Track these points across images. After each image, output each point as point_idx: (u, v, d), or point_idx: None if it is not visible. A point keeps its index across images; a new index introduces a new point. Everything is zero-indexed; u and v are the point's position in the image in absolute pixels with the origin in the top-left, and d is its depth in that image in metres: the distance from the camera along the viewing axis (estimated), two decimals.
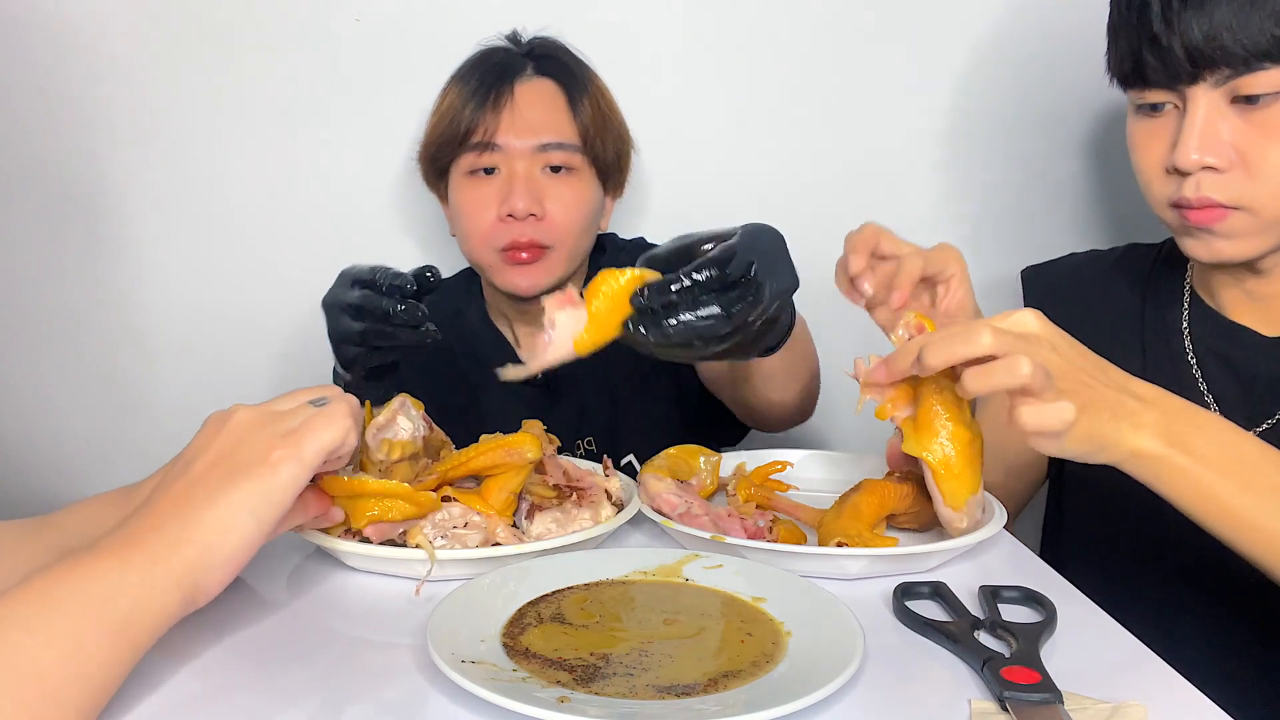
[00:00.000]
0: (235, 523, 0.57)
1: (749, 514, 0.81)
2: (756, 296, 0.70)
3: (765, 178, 1.40)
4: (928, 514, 0.79)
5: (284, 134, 1.35)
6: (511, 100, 1.11)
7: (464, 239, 1.16)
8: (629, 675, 0.57)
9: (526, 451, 0.76)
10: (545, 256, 1.13)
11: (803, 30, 1.37)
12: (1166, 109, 0.88)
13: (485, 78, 1.13)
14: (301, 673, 0.59)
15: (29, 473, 1.40)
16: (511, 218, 1.10)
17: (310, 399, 0.65)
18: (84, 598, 0.52)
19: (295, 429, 0.61)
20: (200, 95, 1.33)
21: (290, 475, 0.60)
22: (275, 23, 1.32)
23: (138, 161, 1.35)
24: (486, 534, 0.74)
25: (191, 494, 0.58)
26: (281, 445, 0.60)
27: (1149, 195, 0.92)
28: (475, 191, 1.13)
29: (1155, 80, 0.86)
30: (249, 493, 0.58)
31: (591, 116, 1.14)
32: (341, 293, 0.87)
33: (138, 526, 0.57)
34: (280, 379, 1.39)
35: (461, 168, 1.14)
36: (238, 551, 0.58)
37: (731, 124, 1.39)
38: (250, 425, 0.61)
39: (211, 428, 0.62)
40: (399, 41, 1.34)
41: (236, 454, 0.60)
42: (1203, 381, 0.96)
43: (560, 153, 1.12)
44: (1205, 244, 0.88)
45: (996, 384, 0.64)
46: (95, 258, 1.37)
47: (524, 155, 1.11)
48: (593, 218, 1.17)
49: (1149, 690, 0.57)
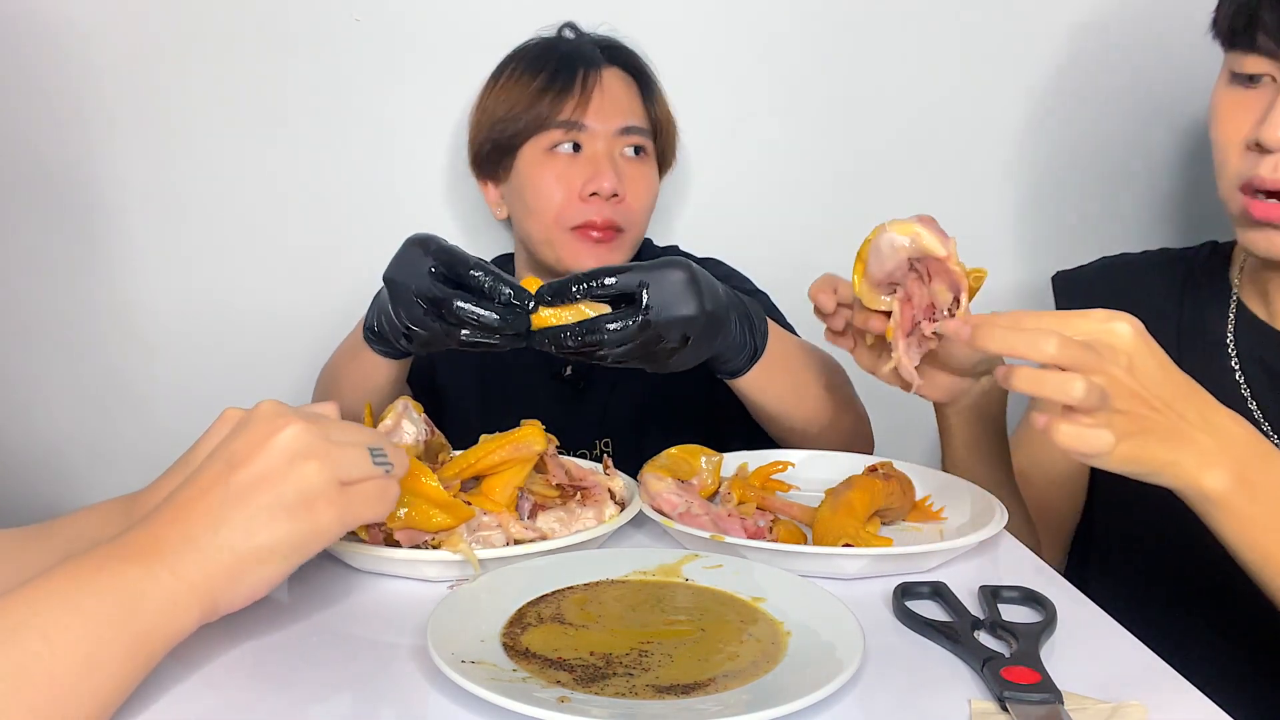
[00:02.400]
0: (267, 560, 0.56)
1: (749, 514, 0.81)
2: (643, 312, 0.76)
3: (774, 177, 1.40)
4: (908, 505, 0.84)
5: (283, 133, 1.35)
6: (600, 83, 1.14)
7: (532, 215, 1.15)
8: (629, 675, 0.57)
9: (533, 445, 0.76)
10: (618, 239, 1.13)
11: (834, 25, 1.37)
12: (1263, 81, 0.83)
13: (565, 61, 1.15)
14: (300, 672, 0.59)
15: (26, 473, 1.40)
16: (595, 196, 1.11)
17: (370, 444, 0.61)
18: (104, 606, 0.51)
19: (350, 489, 0.58)
20: (198, 93, 1.33)
21: (331, 535, 0.58)
22: (274, 22, 1.32)
23: (134, 160, 1.34)
24: (504, 532, 0.74)
25: (227, 513, 0.55)
26: (333, 500, 0.57)
27: (1221, 172, 0.87)
28: (557, 167, 1.13)
29: (1263, 44, 0.81)
30: (288, 535, 0.56)
31: (661, 108, 1.21)
32: (422, 280, 0.78)
33: (165, 531, 0.55)
34: (278, 378, 1.39)
35: (540, 145, 1.14)
36: (262, 585, 0.57)
37: (737, 123, 1.39)
38: (303, 452, 0.57)
39: (256, 431, 0.57)
40: (399, 41, 1.34)
41: (283, 484, 0.56)
42: (1246, 387, 0.93)
43: (639, 136, 1.16)
44: (1268, 238, 0.84)
45: (1044, 394, 0.63)
46: (93, 257, 1.37)
47: (607, 137, 1.13)
48: (654, 206, 1.20)
49: (1149, 690, 0.57)
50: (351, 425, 0.62)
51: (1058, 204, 1.43)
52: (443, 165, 1.37)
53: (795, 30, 1.36)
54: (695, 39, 1.36)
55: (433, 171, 1.37)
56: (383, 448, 0.61)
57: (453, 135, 1.34)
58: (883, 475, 0.83)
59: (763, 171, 1.40)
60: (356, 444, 0.60)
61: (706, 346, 0.84)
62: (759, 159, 1.40)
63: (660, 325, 0.77)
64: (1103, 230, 1.42)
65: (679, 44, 1.34)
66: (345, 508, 0.58)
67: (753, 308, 0.92)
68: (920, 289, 0.76)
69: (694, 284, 0.79)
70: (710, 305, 0.81)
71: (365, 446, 0.60)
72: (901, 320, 0.77)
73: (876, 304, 0.78)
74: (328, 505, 0.57)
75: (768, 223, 1.41)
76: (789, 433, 1.00)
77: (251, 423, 0.58)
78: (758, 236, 1.40)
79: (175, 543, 0.54)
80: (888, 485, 0.82)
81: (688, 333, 0.79)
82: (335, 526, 0.58)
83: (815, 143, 1.40)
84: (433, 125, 1.35)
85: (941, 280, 0.74)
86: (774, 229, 1.41)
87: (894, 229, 0.75)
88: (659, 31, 1.32)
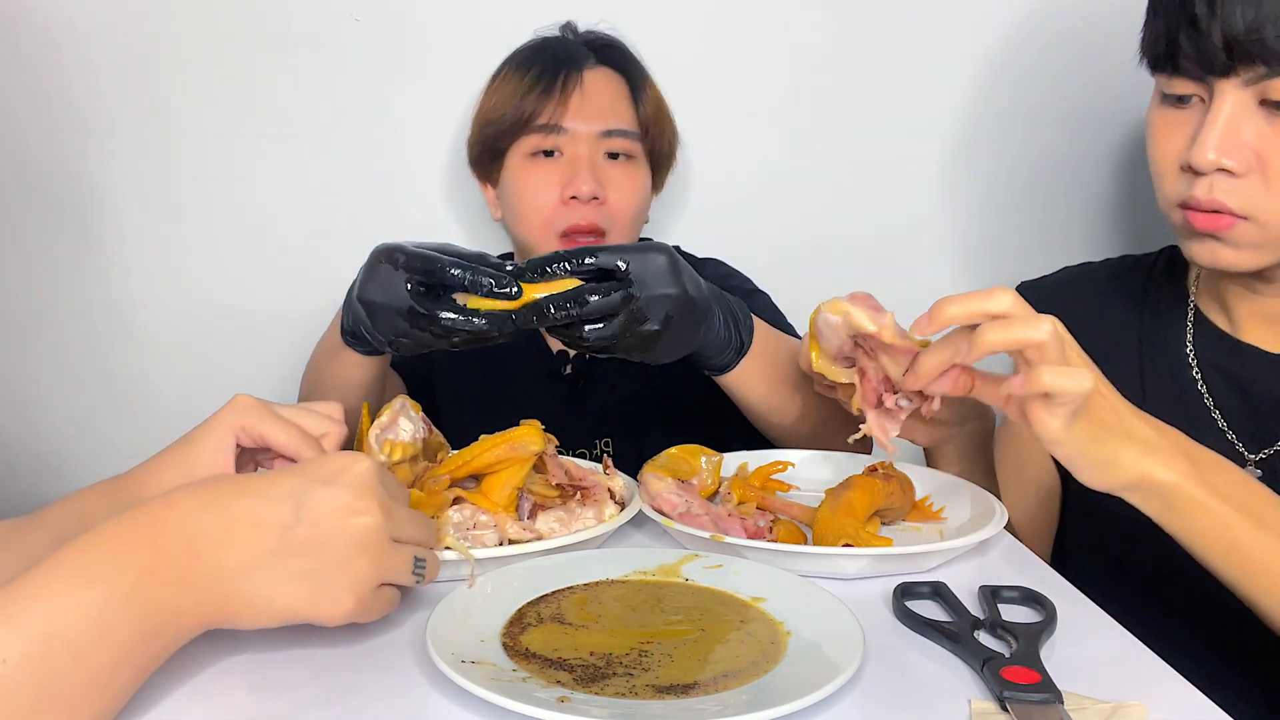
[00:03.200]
0: (274, 618, 0.57)
1: (749, 514, 0.81)
2: (625, 285, 0.77)
3: (771, 179, 1.40)
4: (908, 505, 0.84)
5: (283, 133, 1.35)
6: (580, 85, 1.13)
7: (520, 221, 1.15)
8: (629, 675, 0.57)
9: (530, 445, 0.76)
10: (603, 243, 1.13)
11: (811, 30, 1.36)
12: (1192, 102, 0.84)
13: (551, 63, 1.14)
14: (301, 671, 0.59)
15: (18, 470, 1.40)
16: (575, 200, 1.11)
17: (419, 553, 0.61)
18: (133, 630, 0.52)
19: (378, 591, 0.59)
20: (196, 93, 1.33)
21: (334, 623, 0.58)
22: (274, 22, 1.32)
23: (134, 160, 1.34)
24: (499, 532, 0.74)
25: (266, 562, 0.55)
26: (360, 599, 0.57)
27: (1159, 191, 0.89)
28: (537, 173, 1.13)
29: (1186, 68, 0.82)
30: (304, 609, 0.56)
31: (651, 108, 1.18)
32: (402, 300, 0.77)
33: (206, 550, 0.55)
34: (277, 376, 1.39)
35: (522, 150, 1.14)
36: (263, 624, 0.57)
37: (735, 124, 1.39)
38: (365, 547, 0.57)
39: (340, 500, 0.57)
40: (399, 41, 1.34)
41: (329, 565, 0.56)
42: (1209, 397, 0.93)
43: (622, 140, 1.14)
44: (1208, 249, 0.85)
45: (1016, 337, 0.64)
46: (90, 255, 1.37)
47: (588, 140, 1.13)
48: (645, 207, 1.19)
49: (1149, 690, 0.57)
50: (415, 521, 0.62)
51: (1013, 211, 1.42)
52: (443, 165, 1.37)
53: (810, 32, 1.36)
54: (698, 37, 1.36)
55: (433, 171, 1.37)
56: (426, 558, 0.62)
57: (453, 135, 1.34)
58: (883, 475, 0.83)
59: (765, 171, 1.40)
60: (407, 552, 0.60)
61: (689, 333, 0.84)
62: (761, 158, 1.40)
63: (642, 301, 0.77)
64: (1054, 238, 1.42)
65: (682, 43, 1.34)
66: (360, 609, 0.58)
67: (737, 304, 0.92)
68: (870, 363, 0.75)
69: (675, 266, 0.80)
70: (692, 290, 0.81)
71: (413, 556, 0.60)
72: (865, 395, 0.76)
73: (840, 377, 0.78)
74: (353, 601, 0.57)
75: (769, 223, 1.41)
76: (782, 430, 1.00)
77: (340, 485, 0.57)
78: (760, 236, 1.40)
79: (208, 572, 0.54)
80: (888, 485, 0.82)
81: (670, 312, 0.79)
82: (343, 622, 0.58)
83: (815, 143, 1.40)
84: (433, 125, 1.35)
85: (887, 354, 0.73)
86: (776, 229, 1.41)
87: (827, 309, 0.75)
88: (661, 30, 1.32)
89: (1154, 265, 1.03)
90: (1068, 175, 1.42)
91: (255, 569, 0.55)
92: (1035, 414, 0.66)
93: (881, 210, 1.41)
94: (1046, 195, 1.42)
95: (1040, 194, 1.42)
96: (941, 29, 1.37)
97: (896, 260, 1.41)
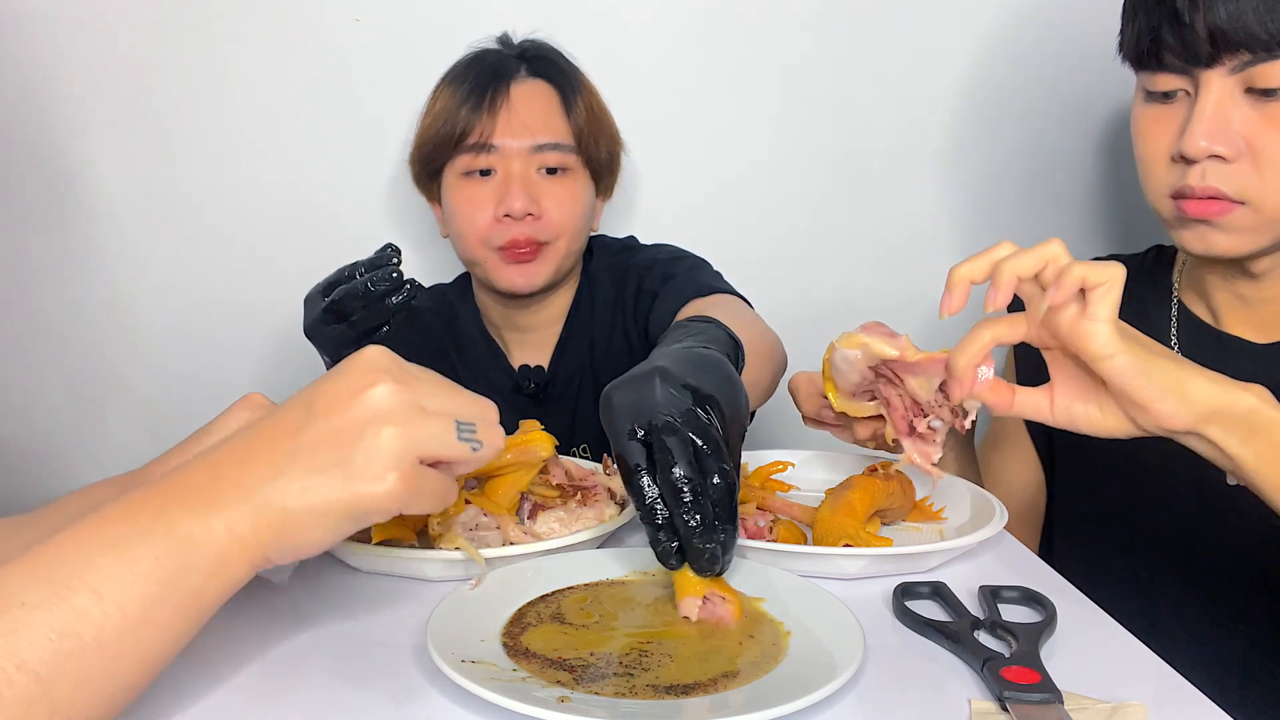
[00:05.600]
0: (316, 523, 0.52)
1: (749, 514, 0.81)
2: None
3: (754, 176, 1.40)
4: (908, 505, 0.84)
5: (282, 133, 1.35)
6: (508, 101, 1.12)
7: (459, 239, 1.16)
8: (629, 675, 0.57)
9: (540, 450, 0.76)
10: (543, 252, 1.13)
11: (793, 28, 1.37)
12: (1177, 96, 0.86)
13: (480, 79, 1.13)
14: (301, 671, 0.59)
15: (18, 470, 1.41)
16: (509, 218, 1.11)
17: (461, 416, 0.55)
18: (157, 559, 0.48)
19: (422, 472, 0.53)
20: (195, 93, 1.33)
21: (387, 513, 0.53)
22: (273, 22, 1.32)
23: (134, 160, 1.35)
24: (502, 534, 0.74)
25: (289, 465, 0.51)
26: (402, 475, 0.51)
27: (1148, 185, 0.90)
28: (471, 192, 1.13)
29: (1170, 63, 0.84)
30: (342, 502, 0.51)
31: (585, 117, 1.16)
32: (315, 303, 0.98)
33: (226, 472, 0.51)
34: (271, 375, 1.40)
35: (456, 169, 1.14)
36: (310, 546, 0.53)
37: (720, 121, 1.39)
38: (385, 415, 0.52)
39: (345, 382, 0.53)
40: (397, 42, 1.34)
41: (353, 445, 0.51)
42: None
43: (555, 153, 1.13)
44: (1200, 236, 0.86)
45: (1033, 257, 0.64)
46: (89, 253, 1.37)
47: (520, 156, 1.12)
48: (587, 216, 1.18)
49: (1149, 690, 0.58)
50: (451, 390, 0.56)
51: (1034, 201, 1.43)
52: None
53: (775, 32, 1.36)
54: (673, 38, 1.36)
55: None
56: (474, 422, 0.55)
57: None
58: (883, 475, 0.83)
59: (738, 171, 1.40)
60: (445, 414, 0.54)
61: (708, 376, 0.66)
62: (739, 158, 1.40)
63: None
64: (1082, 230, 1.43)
65: (658, 43, 1.34)
66: (408, 489, 0.52)
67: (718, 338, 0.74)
68: (894, 390, 0.75)
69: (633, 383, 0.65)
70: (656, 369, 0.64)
71: (454, 419, 0.54)
72: (895, 424, 0.76)
73: (863, 411, 0.78)
74: (395, 479, 0.51)
75: (740, 221, 1.41)
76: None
77: (345, 372, 0.54)
78: (739, 231, 1.40)
79: (231, 490, 0.51)
80: (887, 485, 0.82)
81: None
82: (392, 505, 0.52)
83: (795, 144, 1.40)
84: None
85: (913, 373, 0.73)
86: (756, 224, 1.41)
87: (842, 345, 0.75)
88: (638, 30, 1.32)
89: (1140, 264, 1.05)
90: (1056, 170, 1.42)
91: (279, 475, 0.51)
92: (1081, 329, 0.64)
93: (868, 206, 1.41)
94: (1034, 191, 1.42)
95: (1029, 189, 1.42)
96: (928, 24, 1.37)
97: (882, 257, 1.41)
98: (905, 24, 1.37)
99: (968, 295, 0.67)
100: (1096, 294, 0.63)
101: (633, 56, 1.35)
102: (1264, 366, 0.91)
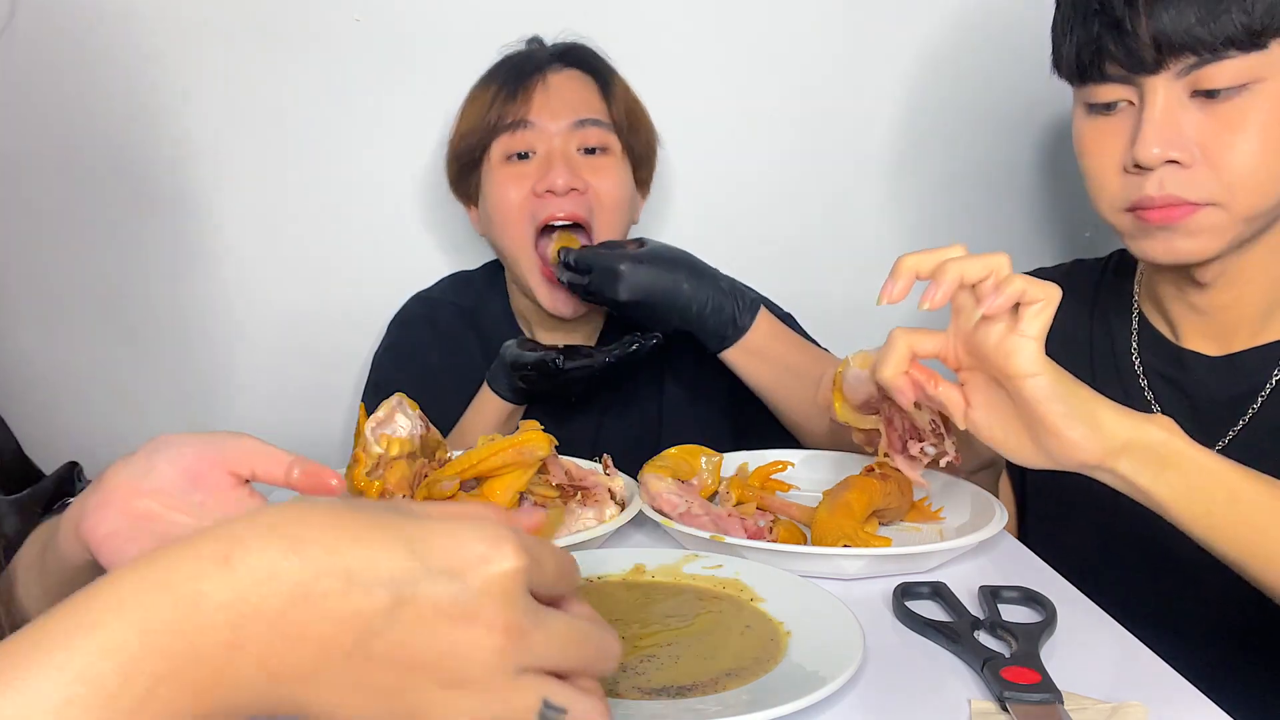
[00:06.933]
0: None
1: (749, 514, 0.81)
2: None
3: (777, 176, 1.40)
4: (906, 505, 0.85)
5: (282, 133, 1.35)
6: (544, 82, 1.10)
7: (498, 225, 1.11)
8: (629, 675, 0.57)
9: (537, 450, 0.76)
10: (584, 239, 1.09)
11: (800, 30, 1.37)
12: (1120, 107, 0.84)
13: (514, 71, 1.11)
14: None
15: None
16: (550, 194, 1.06)
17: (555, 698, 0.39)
18: None
19: None
20: (196, 93, 1.33)
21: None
22: (275, 22, 1.32)
23: (131, 159, 1.34)
24: None
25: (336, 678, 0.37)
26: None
27: (1100, 200, 0.88)
28: (511, 172, 1.09)
29: (1113, 73, 0.82)
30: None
31: (624, 105, 1.13)
32: None
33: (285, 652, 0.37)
34: (274, 374, 1.40)
35: (496, 156, 1.10)
36: None
37: (737, 124, 1.39)
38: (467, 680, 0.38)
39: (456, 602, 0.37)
40: (399, 41, 1.33)
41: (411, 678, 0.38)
42: (1155, 403, 0.93)
43: (596, 130, 1.10)
44: (1163, 243, 0.84)
45: (978, 264, 0.64)
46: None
47: (560, 134, 1.08)
48: (631, 201, 1.14)
49: (1149, 690, 0.57)
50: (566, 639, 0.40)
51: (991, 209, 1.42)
52: (443, 165, 1.37)
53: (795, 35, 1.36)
54: (686, 41, 1.36)
55: (433, 172, 1.37)
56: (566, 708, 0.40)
57: None
58: (880, 475, 0.82)
59: (754, 173, 1.40)
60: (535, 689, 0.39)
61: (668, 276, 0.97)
62: (748, 161, 1.40)
63: None
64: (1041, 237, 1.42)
65: (671, 47, 1.34)
66: None
67: (742, 290, 1.01)
68: (897, 412, 0.76)
69: None
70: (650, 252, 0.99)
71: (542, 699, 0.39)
72: (890, 443, 0.78)
73: (863, 424, 0.80)
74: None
75: (762, 226, 1.41)
76: (793, 427, 1.02)
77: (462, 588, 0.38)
78: (751, 238, 1.40)
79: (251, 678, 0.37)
80: (885, 485, 0.82)
81: None
82: None
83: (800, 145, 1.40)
84: (433, 125, 1.34)
85: None
86: (767, 231, 1.41)
87: (855, 363, 0.78)
88: (650, 34, 1.32)
89: (1104, 269, 1.03)
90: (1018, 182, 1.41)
91: (317, 675, 0.37)
92: (1008, 345, 0.64)
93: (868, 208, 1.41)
94: (999, 202, 1.42)
95: (993, 201, 1.42)
96: (929, 24, 1.37)
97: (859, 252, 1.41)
98: (906, 24, 1.37)
99: (910, 286, 0.67)
100: (1031, 310, 0.64)
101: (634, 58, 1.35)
102: (1220, 379, 0.90)
